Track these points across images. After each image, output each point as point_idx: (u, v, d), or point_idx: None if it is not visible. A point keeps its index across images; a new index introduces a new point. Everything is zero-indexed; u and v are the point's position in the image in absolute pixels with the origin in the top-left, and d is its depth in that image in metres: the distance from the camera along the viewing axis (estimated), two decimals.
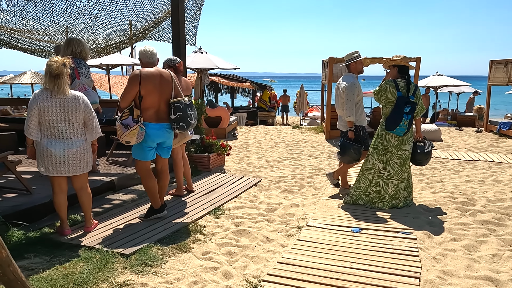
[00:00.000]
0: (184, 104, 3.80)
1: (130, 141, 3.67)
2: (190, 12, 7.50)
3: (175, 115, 3.75)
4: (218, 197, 4.82)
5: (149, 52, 3.88)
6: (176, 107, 3.75)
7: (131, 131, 3.59)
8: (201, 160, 6.24)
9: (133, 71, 3.90)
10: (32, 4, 7.03)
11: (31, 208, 3.87)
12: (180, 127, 3.78)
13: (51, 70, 3.23)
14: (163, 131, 3.84)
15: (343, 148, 4.58)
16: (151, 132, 3.76)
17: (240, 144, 8.85)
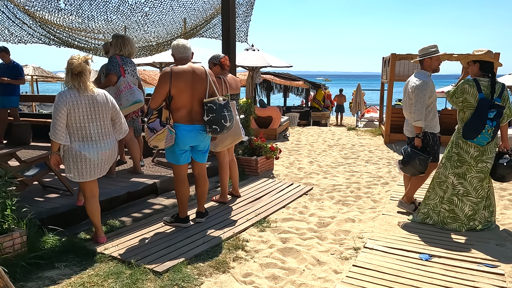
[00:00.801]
0: (218, 104, 3.45)
1: (158, 145, 3.42)
2: (242, 7, 7.15)
3: (208, 116, 3.42)
4: (265, 207, 4.40)
5: (181, 46, 3.57)
6: (209, 108, 3.42)
7: (157, 135, 3.33)
8: (248, 164, 5.88)
9: (163, 69, 3.61)
10: (88, 2, 7.08)
11: (69, 211, 3.72)
12: (213, 130, 3.45)
13: (72, 68, 3.02)
14: (196, 133, 3.53)
15: (407, 157, 3.91)
16: (182, 134, 3.47)
17: (291, 146, 8.38)
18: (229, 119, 3.51)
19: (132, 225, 3.80)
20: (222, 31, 6.21)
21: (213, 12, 7.27)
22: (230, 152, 4.64)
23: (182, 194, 3.69)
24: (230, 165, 4.65)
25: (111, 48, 4.64)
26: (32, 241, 3.03)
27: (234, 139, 4.28)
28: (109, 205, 4.10)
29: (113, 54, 4.67)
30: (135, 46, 4.85)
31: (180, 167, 3.65)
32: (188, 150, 3.64)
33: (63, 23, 7.45)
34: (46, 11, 7.43)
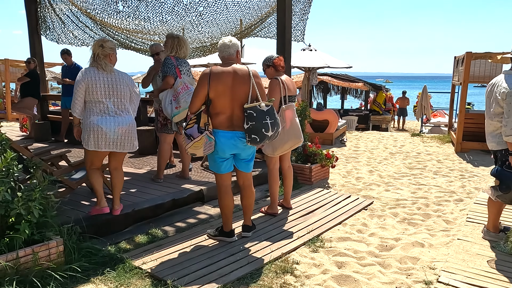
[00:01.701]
0: (260, 111, 3.08)
1: (195, 153, 3.16)
2: (299, 4, 6.74)
3: (248, 124, 3.08)
4: (318, 222, 3.96)
5: (222, 44, 3.27)
6: (249, 115, 3.07)
7: (195, 142, 3.06)
8: (302, 172, 5.45)
9: (203, 70, 3.34)
10: (144, 4, 7.10)
11: (111, 218, 3.56)
12: (252, 139, 3.10)
13: (93, 53, 3.35)
14: (236, 140, 3.20)
15: (505, 181, 3.16)
16: (221, 141, 3.17)
17: (349, 153, 7.80)
18: (272, 128, 3.12)
19: (175, 236, 3.56)
20: (277, 30, 5.85)
21: (269, 10, 6.94)
22: (287, 158, 4.27)
23: (225, 206, 3.39)
24: (286, 173, 4.28)
25: (166, 49, 4.46)
26: (70, 251, 2.88)
27: (295, 143, 3.94)
28: (153, 212, 3.92)
29: (167, 55, 4.49)
30: (189, 46, 4.66)
31: (222, 176, 3.35)
32: (230, 158, 3.33)
33: (121, 25, 7.55)
34: (105, 13, 7.59)
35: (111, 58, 3.40)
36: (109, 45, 3.36)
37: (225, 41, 3.29)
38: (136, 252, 3.19)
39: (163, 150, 4.68)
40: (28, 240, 2.68)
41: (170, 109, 4.29)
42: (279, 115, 3.78)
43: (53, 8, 8.04)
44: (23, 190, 2.66)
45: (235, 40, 3.34)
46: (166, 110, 4.31)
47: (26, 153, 3.42)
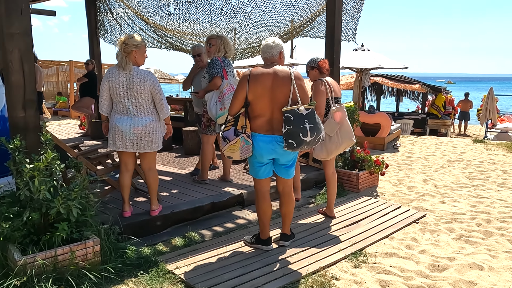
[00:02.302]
0: (298, 114, 2.92)
1: (232, 156, 3.07)
2: (351, 2, 6.44)
3: (285, 128, 2.93)
4: (363, 234, 3.70)
5: (265, 45, 3.17)
6: (286, 118, 2.92)
7: (230, 145, 3.00)
8: (348, 178, 5.18)
9: (243, 72, 3.19)
10: (194, 6, 7.18)
11: (150, 219, 3.58)
12: (289, 144, 2.93)
13: (118, 49, 3.35)
14: (275, 145, 3.06)
15: None
16: (259, 145, 3.06)
17: (401, 159, 7.33)
18: (311, 133, 2.93)
19: (211, 241, 3.49)
20: (326, 29, 5.63)
21: (319, 9, 6.71)
22: (331, 164, 4.13)
23: (263, 213, 3.27)
24: (330, 179, 4.12)
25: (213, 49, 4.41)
26: (106, 251, 2.90)
27: (348, 144, 3.87)
28: (191, 215, 3.89)
29: (214, 56, 4.45)
30: (232, 46, 4.59)
31: (260, 182, 3.24)
32: (269, 163, 3.20)
33: (172, 27, 7.71)
34: (158, 16, 7.79)
35: (136, 55, 3.32)
36: (133, 42, 3.29)
37: (268, 42, 3.19)
38: (171, 256, 3.17)
39: (205, 151, 4.64)
40: (67, 238, 2.74)
41: (214, 111, 4.26)
42: (330, 117, 3.71)
43: (111, 12, 8.42)
44: (63, 190, 2.72)
45: (279, 41, 3.21)
46: (211, 111, 4.28)
47: (71, 153, 3.54)
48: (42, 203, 2.64)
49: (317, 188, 5.18)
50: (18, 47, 2.89)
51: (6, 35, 2.84)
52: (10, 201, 2.68)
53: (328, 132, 3.76)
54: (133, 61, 3.33)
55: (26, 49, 2.93)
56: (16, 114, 2.92)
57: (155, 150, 3.51)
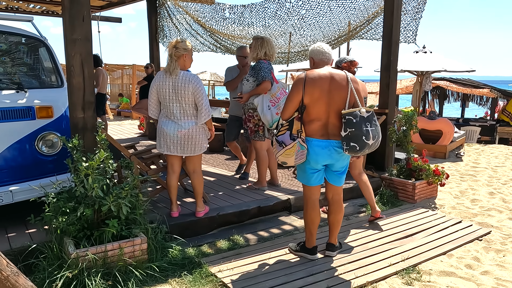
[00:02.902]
0: (360, 117, 2.84)
1: (286, 162, 2.96)
2: (412, 2, 6.12)
3: (346, 131, 2.84)
4: (417, 249, 3.45)
5: (319, 48, 3.11)
6: (347, 121, 2.83)
7: (286, 150, 2.89)
8: (403, 188, 4.89)
9: (298, 74, 3.11)
10: (248, 10, 7.25)
11: (196, 220, 3.63)
12: (351, 148, 2.84)
13: (168, 53, 3.40)
14: (331, 150, 2.97)
15: None
16: (315, 151, 2.96)
17: (465, 170, 6.79)
18: (372, 135, 2.87)
19: (256, 246, 3.46)
20: (383, 30, 5.38)
21: (377, 10, 6.44)
22: (358, 165, 4.06)
23: (311, 221, 3.17)
24: (360, 181, 4.08)
25: (254, 51, 4.33)
26: (152, 249, 2.98)
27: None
28: (237, 218, 3.89)
29: (259, 59, 4.37)
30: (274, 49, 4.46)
31: (310, 189, 3.14)
32: (322, 170, 3.10)
33: (227, 31, 7.85)
34: (214, 21, 7.97)
35: (185, 59, 3.39)
36: (183, 46, 3.36)
37: (323, 46, 3.14)
38: (215, 258, 3.18)
39: (261, 158, 4.49)
40: (116, 235, 2.85)
41: (270, 115, 4.17)
42: None
43: (171, 18, 8.76)
44: (115, 188, 2.83)
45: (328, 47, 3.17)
46: (265, 116, 4.19)
47: (125, 152, 3.70)
48: (95, 200, 2.78)
49: None
50: (80, 52, 3.07)
51: (69, 41, 3.03)
52: (67, 196, 2.84)
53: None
54: (181, 65, 3.40)
55: (87, 54, 3.11)
56: (76, 114, 3.10)
57: (198, 153, 3.56)
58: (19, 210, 3.51)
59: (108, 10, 9.85)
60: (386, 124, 5.30)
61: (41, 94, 3.50)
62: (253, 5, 7.11)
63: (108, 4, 9.36)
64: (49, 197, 2.79)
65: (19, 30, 3.68)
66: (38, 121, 3.39)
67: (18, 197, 3.22)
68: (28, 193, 3.20)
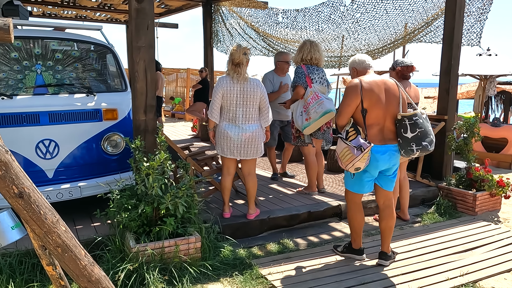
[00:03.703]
0: (424, 117, 2.96)
1: (360, 167, 2.89)
2: (476, 2, 5.80)
3: (414, 132, 2.89)
4: (477, 265, 3.26)
5: (361, 58, 3.18)
6: (414, 122, 2.90)
7: (364, 154, 2.81)
8: (463, 199, 4.64)
9: (351, 80, 3.06)
10: (302, 14, 7.26)
11: (247, 222, 3.70)
12: (423, 148, 2.91)
13: (233, 59, 3.42)
14: (390, 154, 3.00)
15: None
16: (375, 157, 2.94)
17: None
18: (432, 133, 3.00)
19: (306, 251, 3.46)
20: (444, 33, 5.15)
21: (437, 12, 6.19)
22: (403, 168, 4.13)
23: (357, 223, 3.22)
24: (402, 183, 4.16)
25: (296, 57, 4.36)
26: (205, 248, 3.09)
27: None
28: (287, 222, 3.92)
29: (298, 63, 4.39)
30: (322, 52, 4.41)
31: (357, 195, 3.18)
32: (374, 177, 3.08)
33: (280, 35, 7.91)
34: (267, 25, 8.08)
35: (248, 65, 3.51)
36: (249, 52, 3.49)
37: (363, 57, 3.19)
38: (265, 260, 3.22)
39: (310, 163, 4.47)
40: (173, 232, 3.00)
41: (300, 121, 4.17)
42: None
43: (225, 23, 9.01)
44: (172, 187, 2.98)
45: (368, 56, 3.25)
46: (297, 122, 4.21)
47: (181, 154, 3.86)
48: (154, 198, 2.94)
49: (424, 206, 4.75)
50: (144, 59, 3.27)
51: (134, 48, 3.24)
52: (129, 194, 3.03)
53: None
54: (245, 70, 3.50)
55: (150, 60, 3.30)
56: (139, 117, 3.31)
57: (259, 156, 3.65)
58: (85, 204, 3.79)
59: (167, 16, 10.33)
60: (445, 131, 5.06)
61: (107, 98, 3.76)
62: (307, 9, 7.11)
63: (166, 11, 9.82)
64: (114, 194, 3.00)
65: (89, 38, 3.99)
66: (104, 122, 3.65)
67: (86, 193, 3.48)
68: (95, 189, 3.46)
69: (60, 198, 3.39)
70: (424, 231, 3.94)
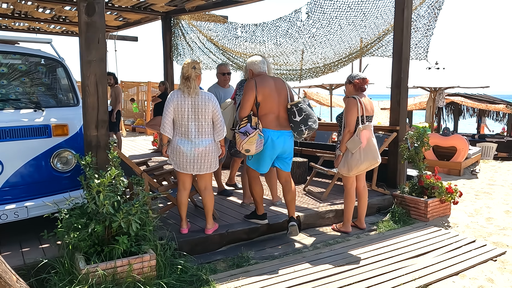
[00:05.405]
0: (306, 104, 3.75)
1: (249, 149, 3.55)
2: (422, 19, 6.16)
3: (301, 115, 3.66)
4: (428, 269, 3.39)
5: (258, 64, 3.83)
6: (300, 108, 3.68)
7: (250, 138, 3.49)
8: (415, 205, 4.83)
9: (248, 80, 3.78)
10: (260, 29, 7.39)
11: (206, 237, 3.65)
12: (309, 127, 3.66)
13: (183, 73, 3.44)
14: (285, 138, 3.72)
15: None
16: (271, 139, 3.65)
17: (480, 187, 6.66)
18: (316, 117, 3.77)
19: (264, 264, 3.45)
20: (393, 47, 5.42)
21: (387, 27, 6.49)
22: (362, 178, 4.29)
23: (257, 193, 3.90)
24: (361, 193, 4.30)
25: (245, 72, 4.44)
26: (161, 266, 3.01)
27: (371, 164, 3.99)
28: (247, 235, 3.90)
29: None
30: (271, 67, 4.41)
31: (257, 172, 3.85)
32: (272, 159, 3.77)
33: (239, 49, 7.99)
34: (226, 39, 8.15)
35: (200, 79, 3.51)
36: (200, 66, 3.49)
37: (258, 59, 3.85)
38: (223, 276, 3.19)
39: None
40: (126, 251, 2.90)
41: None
42: (356, 134, 3.88)
43: (184, 37, 8.99)
44: (125, 205, 2.89)
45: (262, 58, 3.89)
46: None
47: (136, 169, 3.77)
48: (106, 216, 2.84)
49: (380, 214, 4.91)
50: (95, 73, 3.18)
51: (85, 62, 3.15)
52: (79, 213, 2.91)
53: (350, 149, 3.91)
54: (196, 84, 3.48)
55: (101, 74, 3.22)
56: (90, 132, 3.20)
57: (213, 170, 3.62)
58: (34, 225, 3.60)
59: (126, 29, 10.17)
60: (398, 141, 5.28)
61: (58, 113, 3.62)
62: (265, 24, 7.25)
63: (125, 24, 9.67)
64: (62, 213, 2.87)
65: (38, 52, 3.85)
66: (54, 138, 3.51)
67: (33, 213, 3.31)
68: (42, 208, 3.30)
69: (5, 219, 3.20)
70: (379, 238, 4.06)
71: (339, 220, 4.46)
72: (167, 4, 7.55)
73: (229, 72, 5.05)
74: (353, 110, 3.88)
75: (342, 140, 3.97)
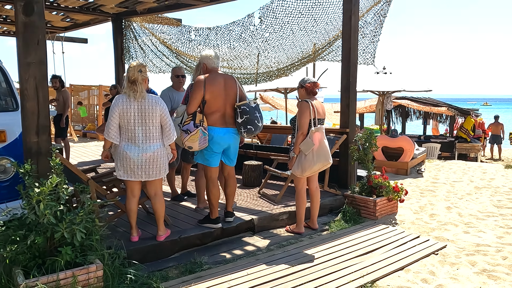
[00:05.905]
0: (251, 106, 3.76)
1: (192, 146, 3.64)
2: (369, 26, 6.43)
3: (242, 118, 3.72)
4: (375, 265, 3.53)
5: (212, 59, 3.87)
6: (242, 110, 3.73)
7: (191, 136, 3.58)
8: (365, 205, 5.01)
9: (198, 77, 3.80)
10: (214, 32, 7.37)
11: (157, 244, 3.57)
12: (248, 130, 3.75)
13: (129, 76, 3.33)
14: (229, 135, 3.82)
15: None
16: (216, 137, 3.74)
17: (425, 185, 7.05)
18: (261, 120, 3.83)
19: (217, 268, 3.42)
20: (342, 53, 5.61)
21: (337, 33, 6.72)
22: (314, 179, 4.36)
23: (213, 196, 3.90)
24: (314, 194, 4.38)
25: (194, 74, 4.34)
26: (109, 276, 2.90)
27: (323, 165, 4.08)
28: (200, 240, 3.86)
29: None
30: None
31: (212, 170, 3.89)
32: (220, 153, 3.87)
33: (193, 53, 7.92)
34: (180, 43, 8.05)
35: (147, 82, 3.41)
36: (146, 69, 3.39)
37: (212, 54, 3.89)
38: (174, 283, 3.12)
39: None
40: (71, 262, 2.76)
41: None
42: (308, 136, 3.98)
43: (137, 39, 8.76)
44: (68, 214, 2.76)
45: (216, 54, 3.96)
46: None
47: (82, 176, 3.62)
48: (47, 227, 2.69)
49: (332, 214, 5.04)
50: (34, 76, 3.03)
51: (23, 65, 2.99)
52: (17, 224, 2.74)
53: (303, 150, 4.00)
54: (142, 87, 3.37)
55: (42, 78, 3.07)
56: (30, 139, 3.04)
57: (163, 176, 3.54)
58: None
59: (74, 30, 9.74)
60: (348, 142, 5.46)
61: None
62: (218, 28, 7.24)
63: (73, 25, 9.27)
64: None
65: None
66: None
67: None
68: None
69: None
70: (331, 238, 4.17)
71: (292, 221, 4.53)
72: (117, 5, 7.33)
73: (184, 75, 5.00)
74: (305, 113, 3.98)
75: (295, 142, 4.04)
